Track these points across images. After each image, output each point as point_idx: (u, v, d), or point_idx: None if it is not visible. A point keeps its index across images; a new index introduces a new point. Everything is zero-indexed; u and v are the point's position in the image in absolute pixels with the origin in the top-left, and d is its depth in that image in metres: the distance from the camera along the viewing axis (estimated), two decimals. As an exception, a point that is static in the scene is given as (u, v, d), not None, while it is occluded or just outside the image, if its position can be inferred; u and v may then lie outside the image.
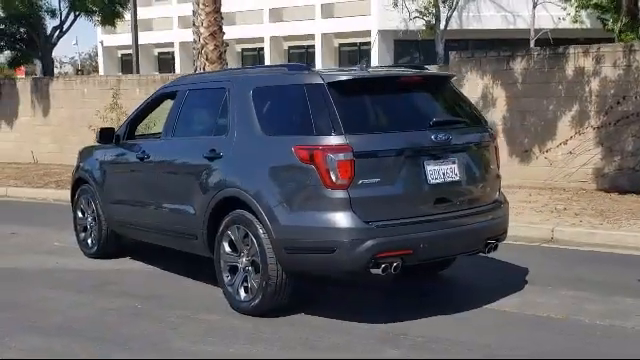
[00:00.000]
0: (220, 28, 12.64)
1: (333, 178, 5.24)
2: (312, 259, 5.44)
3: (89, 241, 8.09)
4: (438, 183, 5.58)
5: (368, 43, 27.41)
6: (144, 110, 7.49)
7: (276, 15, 30.10)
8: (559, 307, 5.90)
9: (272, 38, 30.01)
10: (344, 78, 5.64)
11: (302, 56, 30.19)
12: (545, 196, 11.09)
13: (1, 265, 7.90)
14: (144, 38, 33.44)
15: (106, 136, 7.52)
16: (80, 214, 8.22)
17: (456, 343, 5.14)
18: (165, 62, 34.28)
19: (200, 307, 6.08)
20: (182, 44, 31.92)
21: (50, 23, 19.45)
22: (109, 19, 19.16)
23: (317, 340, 5.25)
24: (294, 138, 5.48)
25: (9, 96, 18.73)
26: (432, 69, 12.41)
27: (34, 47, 19.00)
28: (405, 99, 5.82)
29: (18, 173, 16.50)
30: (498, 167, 6.25)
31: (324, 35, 28.61)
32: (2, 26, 19.21)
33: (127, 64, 32.94)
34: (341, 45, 29.41)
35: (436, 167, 5.58)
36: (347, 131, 5.30)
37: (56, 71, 47.91)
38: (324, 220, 5.30)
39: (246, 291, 5.83)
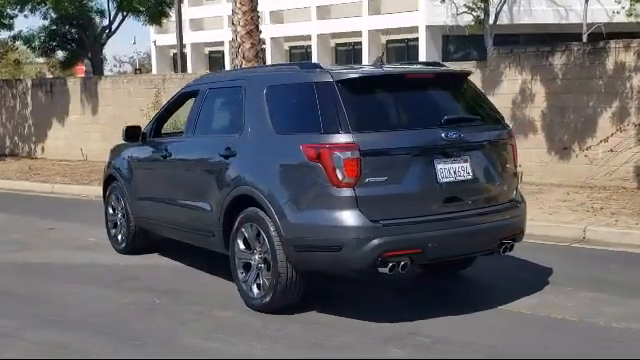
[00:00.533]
0: (257, 27, 12.74)
1: (339, 176, 5.24)
2: (320, 257, 5.45)
3: (119, 237, 8.26)
4: (449, 182, 5.52)
5: (416, 39, 27.18)
6: (168, 109, 7.62)
7: (324, 12, 30.12)
8: (575, 309, 5.78)
9: (319, 36, 30.03)
10: (353, 76, 5.63)
11: (349, 53, 30.15)
12: (583, 195, 10.84)
13: (34, 260, 8.14)
14: (196, 37, 33.96)
15: (132, 134, 7.67)
16: (111, 210, 8.40)
17: (463, 344, 5.09)
18: (216, 60, 34.63)
19: (215, 303, 6.16)
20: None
21: (99, 23, 19.87)
22: (156, 18, 19.51)
23: (323, 339, 5.26)
24: (303, 136, 5.51)
25: (60, 95, 19.26)
26: (468, 66, 12.29)
27: (84, 47, 19.44)
28: (416, 96, 5.77)
29: (66, 170, 16.95)
30: (515, 166, 6.15)
31: (371, 32, 28.49)
32: (54, 27, 19.71)
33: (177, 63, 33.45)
34: (388, 42, 29.24)
35: (447, 165, 5.52)
36: (354, 129, 5.29)
37: (115, 70, 49.06)
38: (331, 218, 5.31)
39: (258, 288, 5.87)
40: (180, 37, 17.05)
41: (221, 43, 32.92)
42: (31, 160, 19.44)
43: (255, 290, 5.90)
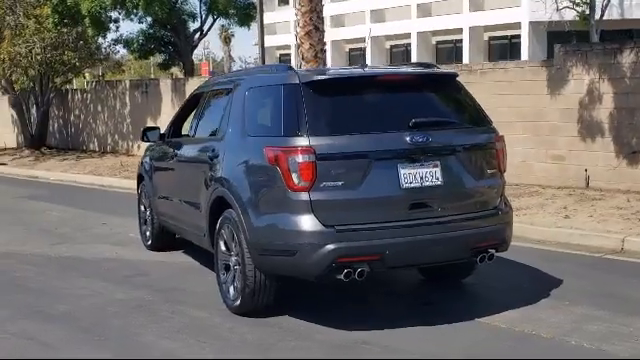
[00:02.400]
0: (316, 27, 12.74)
1: (295, 180, 5.18)
2: (279, 262, 5.41)
3: (147, 234, 8.55)
4: (414, 187, 5.32)
5: (518, 36, 26.25)
6: (183, 110, 7.80)
7: (424, 10, 29.69)
8: (555, 325, 5.43)
9: (419, 34, 29.62)
10: (320, 78, 5.55)
11: (450, 51, 29.55)
12: (646, 202, 10.12)
13: (66, 253, 8.56)
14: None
15: (150, 135, 7.92)
16: (142, 208, 8.71)
17: (414, 355, 4.91)
18: (356, 58, 34.43)
19: (200, 303, 6.24)
20: (374, 39, 31.89)
21: (191, 26, 20.57)
22: (244, 21, 19.98)
23: (276, 343, 5.24)
24: (267, 139, 5.50)
25: (153, 95, 20.11)
26: (533, 65, 11.74)
27: (177, 50, 20.20)
28: (388, 99, 5.60)
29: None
30: (501, 171, 5.83)
31: (472, 29, 27.77)
32: (151, 30, 20.59)
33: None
34: (491, 39, 28.40)
35: (412, 170, 5.32)
36: (313, 133, 5.22)
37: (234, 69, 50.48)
38: (286, 222, 5.27)
39: (235, 290, 5.91)
40: (262, 40, 17.37)
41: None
42: (127, 157, 20.39)
43: (232, 292, 5.94)
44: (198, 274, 7.38)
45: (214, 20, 20.23)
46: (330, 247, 5.12)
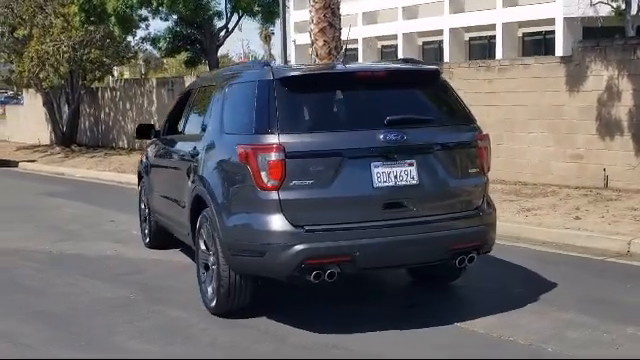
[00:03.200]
0: (330, 24, 12.61)
1: (264, 179, 5.09)
2: (250, 262, 5.32)
3: (146, 231, 8.55)
4: (387, 187, 5.18)
5: (552, 32, 25.69)
6: (176, 107, 7.77)
7: (457, 6, 29.29)
8: (535, 331, 5.24)
9: (452, 30, 29.25)
10: (294, 74, 5.45)
11: (483, 47, 29.08)
12: (663, 203, 9.77)
13: (70, 250, 8.59)
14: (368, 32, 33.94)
15: (143, 132, 7.91)
16: (142, 205, 8.71)
17: (372, 355, 4.82)
18: (388, 55, 34.29)
19: (183, 303, 6.18)
20: (405, 35, 31.60)
21: (216, 24, 20.59)
22: (269, 18, 19.94)
23: (248, 345, 5.17)
24: (239, 137, 5.42)
25: (179, 93, 20.19)
26: (551, 61, 11.45)
27: (203, 48, 20.26)
28: (363, 96, 5.47)
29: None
30: (483, 171, 5.65)
31: (505, 24, 27.29)
32: (177, 28, 20.69)
33: (351, 59, 33.70)
34: (525, 35, 27.87)
35: (386, 169, 5.18)
36: (284, 130, 5.12)
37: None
38: (256, 222, 5.18)
39: (212, 290, 5.84)
40: (284, 37, 17.26)
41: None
42: (153, 154, 20.54)
43: (209, 292, 5.87)
44: (191, 273, 7.26)
45: (239, 18, 20.23)
46: (298, 248, 5.02)
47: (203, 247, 5.99)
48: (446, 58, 28.83)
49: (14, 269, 7.76)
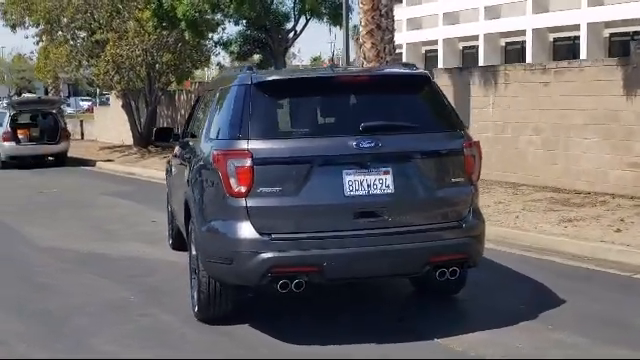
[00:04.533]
0: (378, 26, 12.47)
1: (233, 185, 5.02)
2: (221, 269, 5.25)
3: (170, 233, 8.65)
4: (359, 195, 5.00)
5: (642, 32, 24.43)
6: (191, 111, 7.80)
7: (540, 5, 28.28)
8: (517, 351, 4.98)
9: (535, 30, 28.26)
10: (271, 79, 5.36)
11: (568, 48, 27.91)
12: None
13: (99, 250, 8.77)
14: (414, 36, 33.80)
15: (162, 136, 7.99)
16: (169, 207, 8.81)
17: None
18: (471, 56, 33.71)
19: (176, 307, 6.17)
20: (487, 36, 31.03)
21: (286, 27, 20.70)
22: (336, 20, 19.84)
23: (217, 352, 5.13)
24: (216, 142, 5.38)
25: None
26: (608, 63, 10.84)
27: (271, 50, 20.42)
28: (342, 102, 5.31)
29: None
30: (471, 180, 5.36)
31: (590, 25, 26.14)
32: (248, 32, 20.95)
33: (431, 60, 33.40)
34: (612, 35, 26.59)
35: (358, 177, 5.00)
36: (254, 136, 5.03)
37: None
38: (225, 229, 5.12)
39: (195, 296, 5.81)
40: (347, 40, 17.20)
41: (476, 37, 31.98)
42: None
43: (195, 297, 5.84)
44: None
45: (307, 20, 20.26)
46: (264, 256, 4.92)
47: (194, 252, 5.98)
48: (528, 59, 27.92)
49: (37, 267, 7.98)
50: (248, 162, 4.96)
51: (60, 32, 22.43)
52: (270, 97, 5.21)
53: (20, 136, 20.78)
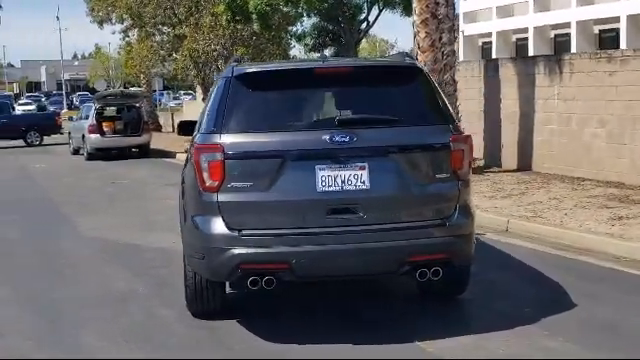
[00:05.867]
0: (433, 15, 12.11)
1: (205, 180, 4.95)
2: (197, 263, 5.20)
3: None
4: (332, 191, 4.82)
5: None
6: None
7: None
8: (496, 356, 4.65)
9: (579, 23, 26.69)
10: (251, 71, 5.25)
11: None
12: None
13: (133, 241, 8.92)
14: (504, 25, 32.65)
15: (185, 129, 7.97)
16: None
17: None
18: (522, 48, 32.67)
19: (177, 301, 6.12)
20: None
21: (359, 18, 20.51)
22: (410, 10, 19.46)
23: (194, 348, 5.10)
24: (197, 135, 5.32)
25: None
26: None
27: (343, 43, 20.31)
28: (323, 94, 5.15)
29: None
30: (458, 176, 5.04)
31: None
32: (322, 24, 20.90)
33: (487, 52, 32.48)
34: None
35: (332, 173, 4.81)
36: (228, 130, 4.94)
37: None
38: (198, 224, 5.06)
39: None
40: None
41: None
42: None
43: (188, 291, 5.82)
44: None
45: (379, 11, 20.00)
46: (233, 252, 4.84)
47: (185, 246, 5.96)
48: (623, 46, 26.40)
49: (72, 257, 8.16)
50: (219, 156, 4.88)
51: (143, 28, 23.08)
52: (249, 90, 5.10)
53: (105, 129, 21.51)
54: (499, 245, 8.00)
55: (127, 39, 25.00)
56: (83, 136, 21.45)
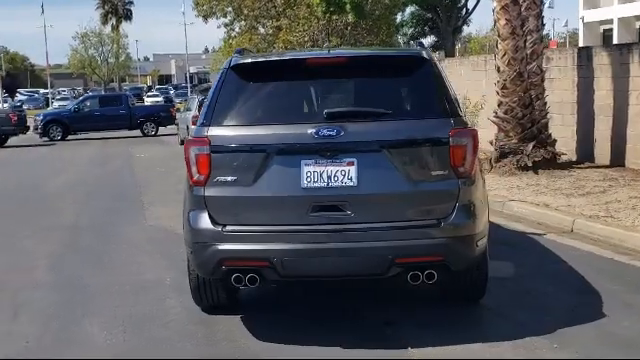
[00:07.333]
0: (514, 1, 11.43)
1: (194, 173, 4.83)
2: (190, 260, 5.09)
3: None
4: (317, 188, 4.56)
5: None
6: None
7: None
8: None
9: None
10: (247, 61, 5.06)
11: None
12: None
13: (177, 230, 8.92)
14: (626, 11, 30.81)
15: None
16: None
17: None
18: None
19: (179, 294, 6.08)
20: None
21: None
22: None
23: (180, 343, 5.02)
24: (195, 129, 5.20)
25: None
26: None
27: (440, 31, 19.74)
28: (318, 86, 4.89)
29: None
30: (459, 174, 4.63)
31: None
32: (420, 13, 20.42)
33: (608, 39, 30.72)
34: None
35: (318, 168, 4.55)
36: (215, 123, 4.80)
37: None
38: (188, 218, 4.95)
39: (190, 283, 5.68)
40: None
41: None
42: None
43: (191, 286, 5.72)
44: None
45: (478, -1, 19.27)
46: (216, 248, 4.70)
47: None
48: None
49: (123, 245, 8.31)
50: (205, 149, 4.75)
51: (243, 21, 23.43)
52: (244, 81, 4.93)
53: (206, 120, 22.00)
54: (554, 247, 7.42)
55: (232, 32, 25.42)
56: (187, 127, 22.02)
